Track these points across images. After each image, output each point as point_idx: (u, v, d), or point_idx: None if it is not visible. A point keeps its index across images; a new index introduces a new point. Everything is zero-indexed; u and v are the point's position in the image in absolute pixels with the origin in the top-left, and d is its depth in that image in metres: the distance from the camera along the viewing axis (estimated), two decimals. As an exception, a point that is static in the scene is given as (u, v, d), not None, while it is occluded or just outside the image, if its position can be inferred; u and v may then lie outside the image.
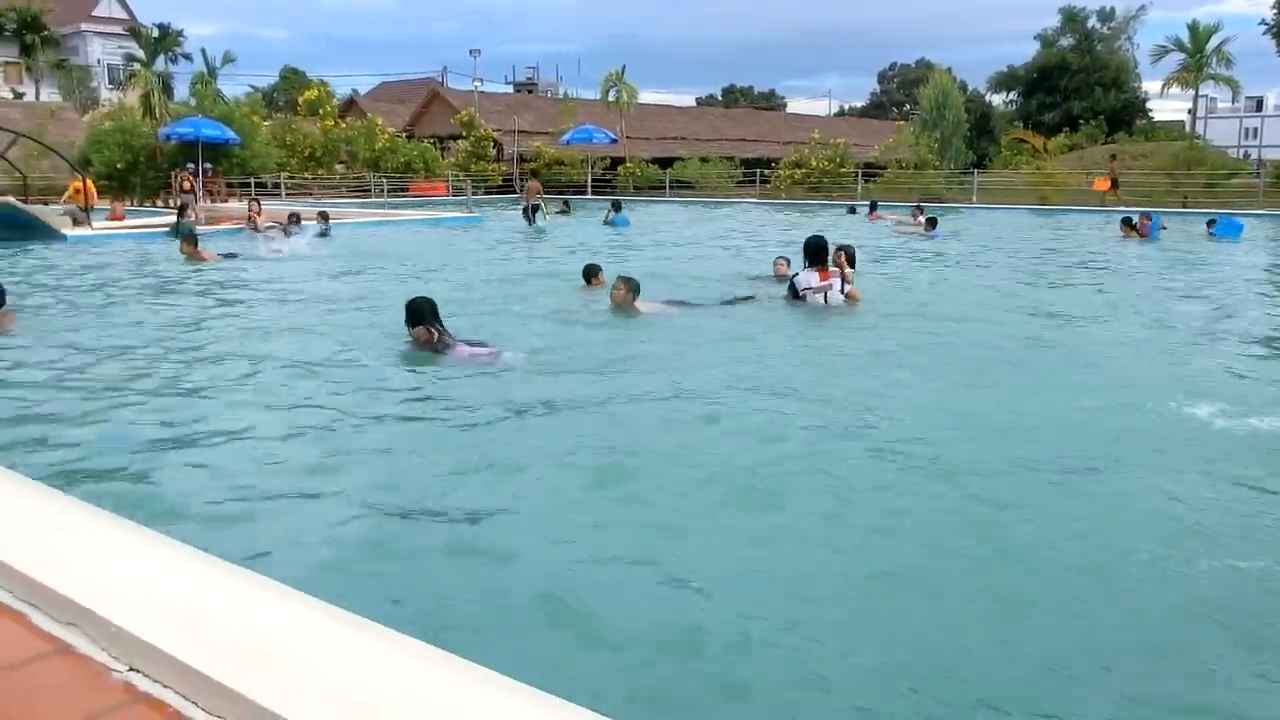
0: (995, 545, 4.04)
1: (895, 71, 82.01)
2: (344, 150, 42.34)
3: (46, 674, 2.22)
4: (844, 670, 3.05)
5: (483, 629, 3.24)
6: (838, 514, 4.32)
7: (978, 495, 4.61)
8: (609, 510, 4.39)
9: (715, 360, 7.67)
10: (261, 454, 5.21)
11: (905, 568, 3.80)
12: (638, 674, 3.00)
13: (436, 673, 2.10)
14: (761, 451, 5.22)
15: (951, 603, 3.53)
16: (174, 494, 4.51)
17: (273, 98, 63.60)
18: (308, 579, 3.00)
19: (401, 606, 3.35)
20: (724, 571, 3.73)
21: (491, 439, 5.56)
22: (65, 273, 13.54)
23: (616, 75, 46.72)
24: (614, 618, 3.33)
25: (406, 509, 4.39)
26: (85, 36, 68.70)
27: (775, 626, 3.29)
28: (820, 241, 10.18)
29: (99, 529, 2.94)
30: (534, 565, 3.78)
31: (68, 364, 7.34)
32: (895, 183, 38.44)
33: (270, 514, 4.34)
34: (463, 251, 17.66)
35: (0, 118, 31.94)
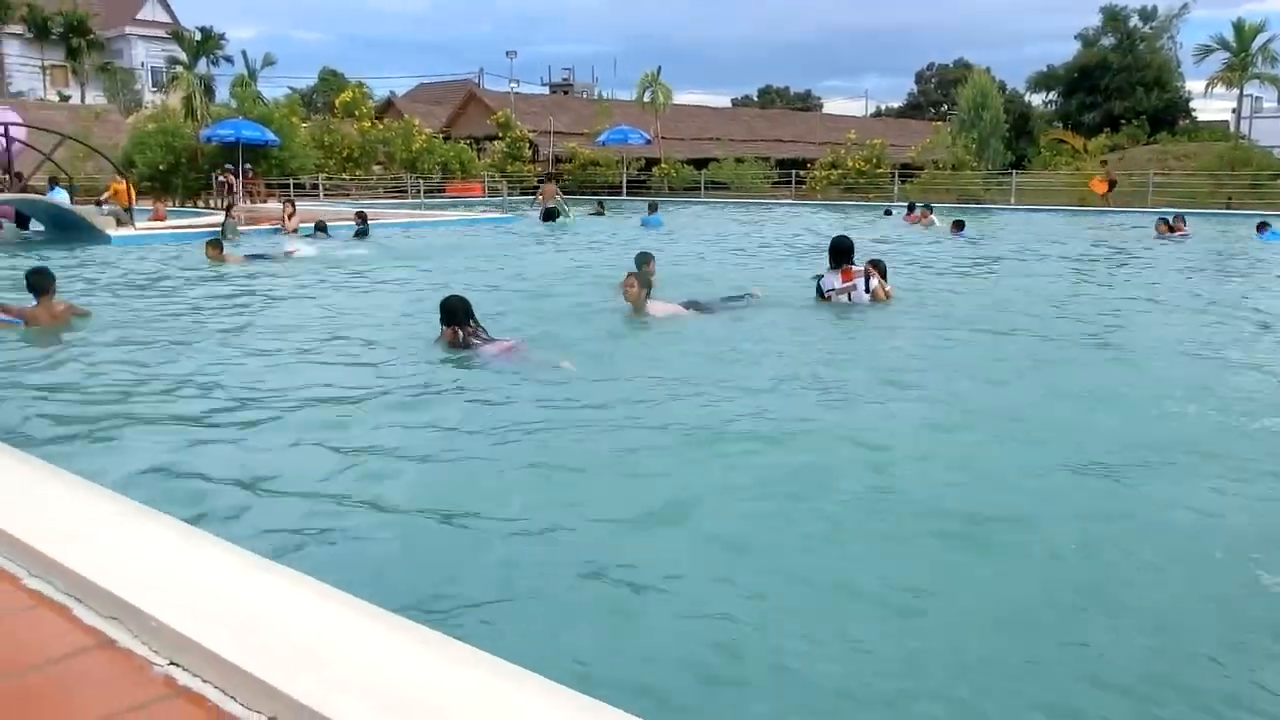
0: (1037, 547, 3.99)
1: (933, 71, 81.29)
2: (381, 151, 42.71)
3: (88, 667, 2.25)
4: (895, 677, 3.02)
5: (505, 623, 3.25)
6: (874, 515, 4.29)
7: (1011, 501, 4.55)
8: (632, 509, 4.38)
9: (736, 359, 7.72)
10: (290, 450, 5.27)
11: (948, 575, 3.76)
12: (671, 679, 2.99)
13: (474, 674, 2.11)
14: (788, 454, 5.19)
15: (1006, 610, 3.49)
16: (211, 490, 4.57)
17: (311, 99, 64.25)
18: (336, 572, 3.03)
19: (430, 601, 3.36)
20: (756, 573, 3.71)
21: (508, 436, 5.59)
22: (109, 271, 13.77)
23: (652, 76, 46.76)
24: (646, 615, 3.33)
25: (435, 507, 4.41)
26: (130, 40, 69.80)
27: (813, 629, 3.27)
28: (844, 242, 10.18)
29: (140, 524, 2.98)
30: (560, 562, 3.80)
31: (108, 361, 7.46)
32: (932, 184, 38.14)
33: (297, 508, 4.39)
34: (495, 252, 17.74)
35: (46, 120, 32.52)
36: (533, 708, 1.97)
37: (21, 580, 2.68)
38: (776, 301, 10.38)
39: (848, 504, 4.43)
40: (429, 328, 8.12)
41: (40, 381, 6.80)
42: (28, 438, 5.15)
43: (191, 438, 5.45)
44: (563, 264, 15.73)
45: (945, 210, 26.75)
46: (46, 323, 8.52)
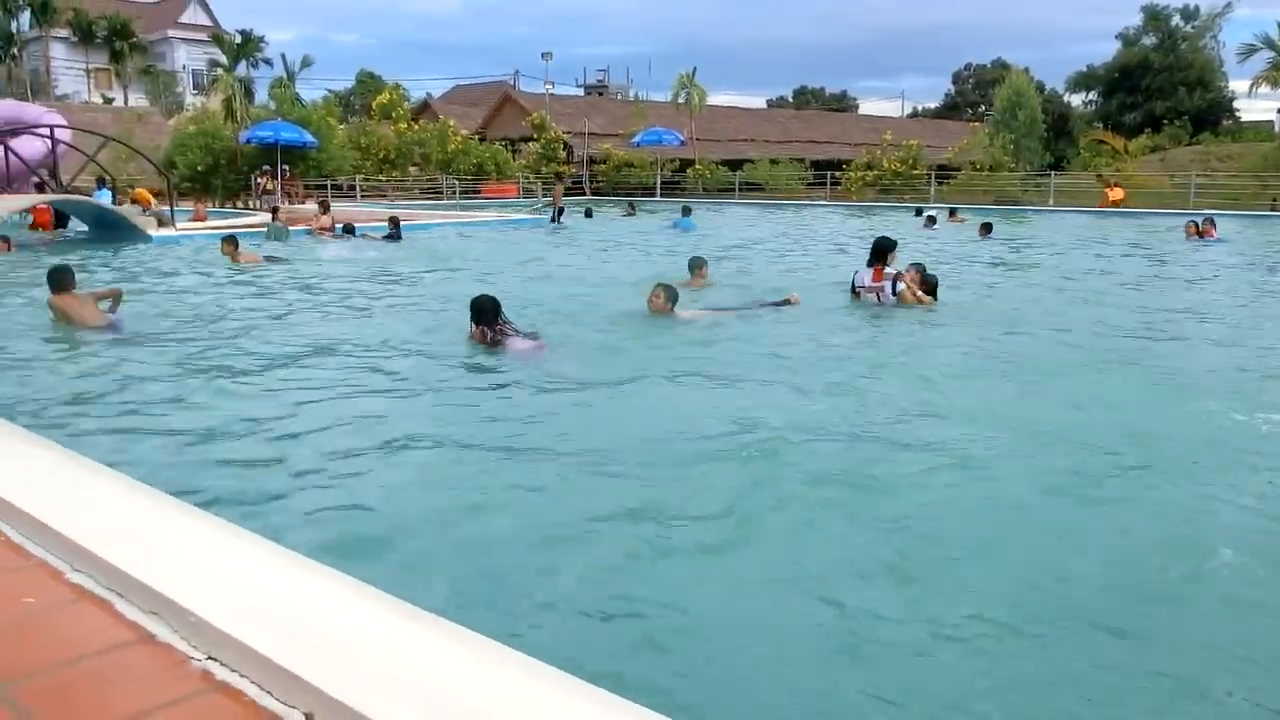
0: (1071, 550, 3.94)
1: (970, 72, 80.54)
2: (417, 152, 43.01)
3: (129, 660, 2.28)
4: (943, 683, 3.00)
5: (527, 617, 3.26)
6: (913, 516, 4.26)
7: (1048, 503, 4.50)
8: (652, 506, 4.38)
9: (756, 360, 7.71)
10: (324, 446, 5.33)
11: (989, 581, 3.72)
12: (695, 676, 2.99)
13: (508, 674, 2.12)
14: (816, 455, 5.16)
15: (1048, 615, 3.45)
16: (247, 486, 4.62)
17: (349, 101, 64.85)
18: (370, 568, 3.06)
19: (462, 598, 3.38)
20: (787, 573, 3.70)
21: (536, 432, 5.67)
22: (145, 268, 13.98)
23: (687, 77, 46.73)
24: (672, 612, 3.33)
25: (465, 504, 4.45)
26: (171, 43, 70.82)
27: (852, 635, 3.25)
28: (884, 243, 10.37)
29: (180, 521, 3.02)
30: (588, 560, 3.81)
31: (140, 356, 7.58)
32: (969, 185, 37.81)
33: (331, 504, 4.44)
34: (528, 252, 17.80)
35: (90, 122, 33.12)
36: (567, 709, 1.97)
37: (64, 575, 2.72)
38: (807, 303, 10.39)
39: (866, 506, 4.41)
40: (456, 328, 8.29)
41: (72, 376, 6.93)
42: (66, 433, 5.23)
43: (225, 433, 5.52)
44: (594, 265, 15.77)
45: (983, 212, 26.49)
46: (73, 317, 8.63)
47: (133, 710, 2.06)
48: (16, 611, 2.52)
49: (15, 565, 2.80)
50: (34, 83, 59.35)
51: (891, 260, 10.30)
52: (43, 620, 2.48)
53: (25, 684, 2.15)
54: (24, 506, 3.04)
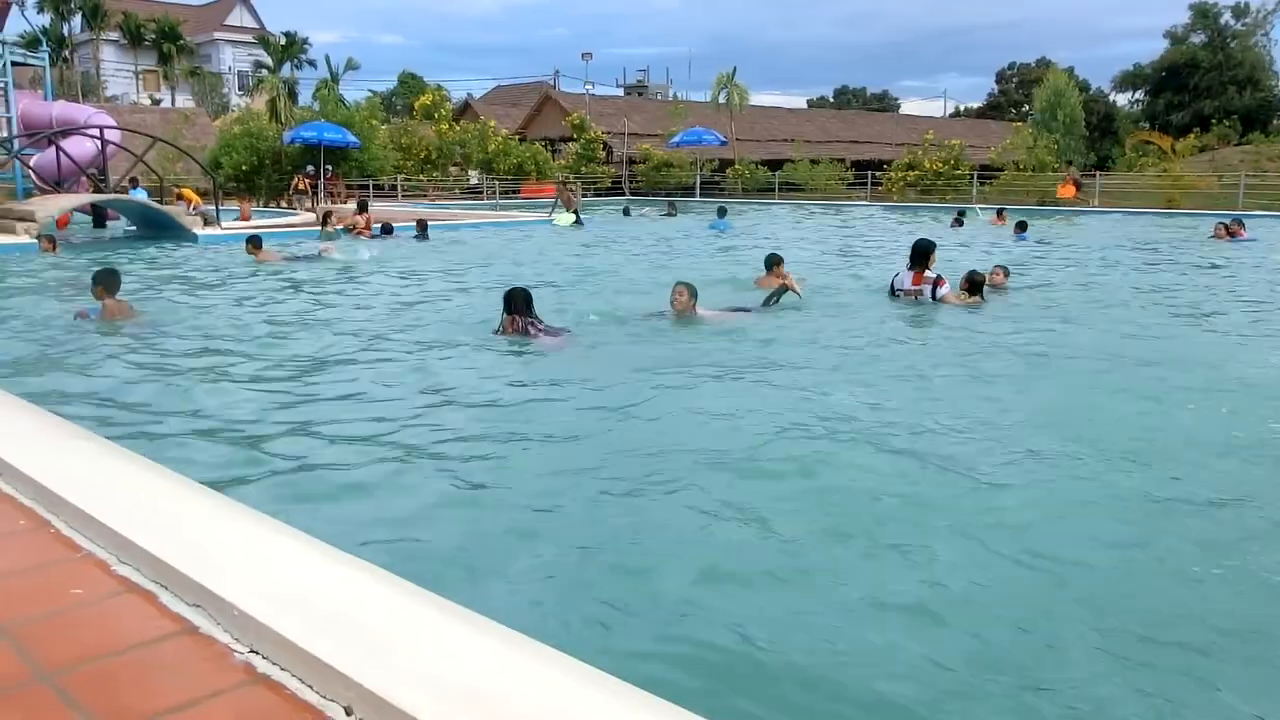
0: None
1: (1014, 71, 79.60)
2: (458, 153, 43.28)
3: (173, 652, 2.32)
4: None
5: (566, 615, 3.26)
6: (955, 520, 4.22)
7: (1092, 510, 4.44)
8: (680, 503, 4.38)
9: (781, 358, 7.73)
10: (361, 438, 5.40)
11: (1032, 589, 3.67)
12: (734, 680, 2.98)
13: (545, 671, 2.12)
14: (847, 456, 5.12)
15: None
16: (288, 479, 4.68)
17: (391, 102, 65.42)
18: (407, 562, 3.09)
19: (498, 594, 3.39)
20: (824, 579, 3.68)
21: (567, 422, 5.76)
22: (186, 265, 14.18)
23: (727, 77, 46.62)
24: (711, 613, 3.32)
25: (502, 498, 4.49)
26: (218, 45, 71.89)
27: (898, 643, 3.22)
28: (924, 245, 10.34)
29: (223, 515, 3.06)
30: (616, 551, 3.82)
31: (185, 355, 7.70)
32: (1012, 185, 37.35)
33: (368, 497, 4.51)
34: (564, 252, 17.86)
35: (139, 123, 33.71)
36: (601, 706, 1.97)
37: (110, 566, 2.77)
38: (840, 302, 10.40)
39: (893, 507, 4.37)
40: (480, 321, 8.58)
41: (116, 372, 7.05)
42: (111, 427, 5.31)
43: (262, 427, 5.60)
44: (628, 264, 15.78)
45: (1027, 213, 26.14)
46: (115, 317, 8.80)
47: (177, 701, 2.09)
48: (65, 602, 2.57)
49: (64, 557, 2.86)
50: (85, 84, 60.51)
51: (931, 263, 10.22)
52: (90, 611, 2.53)
53: (73, 673, 2.19)
54: (72, 499, 3.10)
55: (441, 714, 1.91)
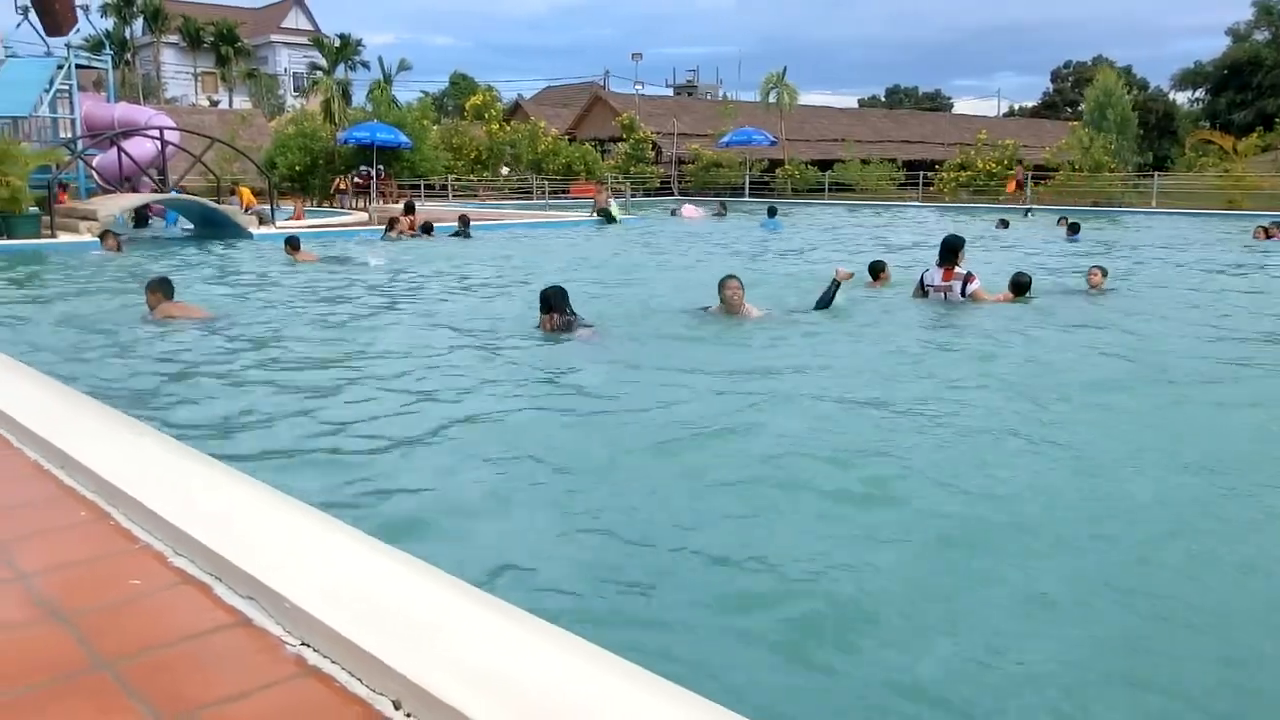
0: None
1: (1070, 69, 78.27)
2: (508, 153, 43.53)
3: (227, 643, 2.36)
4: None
5: (608, 611, 3.27)
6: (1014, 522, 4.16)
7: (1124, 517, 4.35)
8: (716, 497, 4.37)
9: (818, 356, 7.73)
10: (406, 433, 5.49)
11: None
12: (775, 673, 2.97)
13: (594, 670, 2.13)
14: (886, 452, 5.08)
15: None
16: (337, 474, 4.74)
17: (443, 102, 65.98)
18: (453, 556, 3.13)
19: (553, 594, 3.41)
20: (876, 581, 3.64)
21: (605, 417, 5.86)
22: (242, 263, 14.44)
23: (777, 77, 46.39)
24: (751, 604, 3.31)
25: (545, 494, 4.52)
26: (274, 47, 73.04)
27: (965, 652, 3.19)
28: (954, 241, 10.30)
29: (277, 509, 3.12)
30: (658, 546, 3.82)
31: (237, 351, 7.85)
32: (1067, 186, 36.74)
33: (414, 491, 4.57)
34: (613, 252, 17.90)
35: (197, 124, 34.35)
36: (644, 704, 1.98)
37: (167, 558, 2.84)
38: (880, 302, 10.37)
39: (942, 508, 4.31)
40: (518, 318, 8.80)
41: (172, 368, 7.20)
42: (170, 423, 5.42)
43: (313, 423, 5.69)
44: (671, 264, 15.78)
45: (1083, 214, 25.73)
46: (173, 316, 8.97)
47: (230, 692, 2.14)
48: (124, 593, 2.63)
49: (123, 548, 2.93)
50: (146, 86, 61.83)
51: (961, 259, 10.17)
52: (147, 602, 2.59)
53: (131, 662, 2.25)
54: (131, 492, 3.17)
55: (489, 708, 1.93)
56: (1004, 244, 19.18)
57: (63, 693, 2.13)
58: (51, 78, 23.95)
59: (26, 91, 23.35)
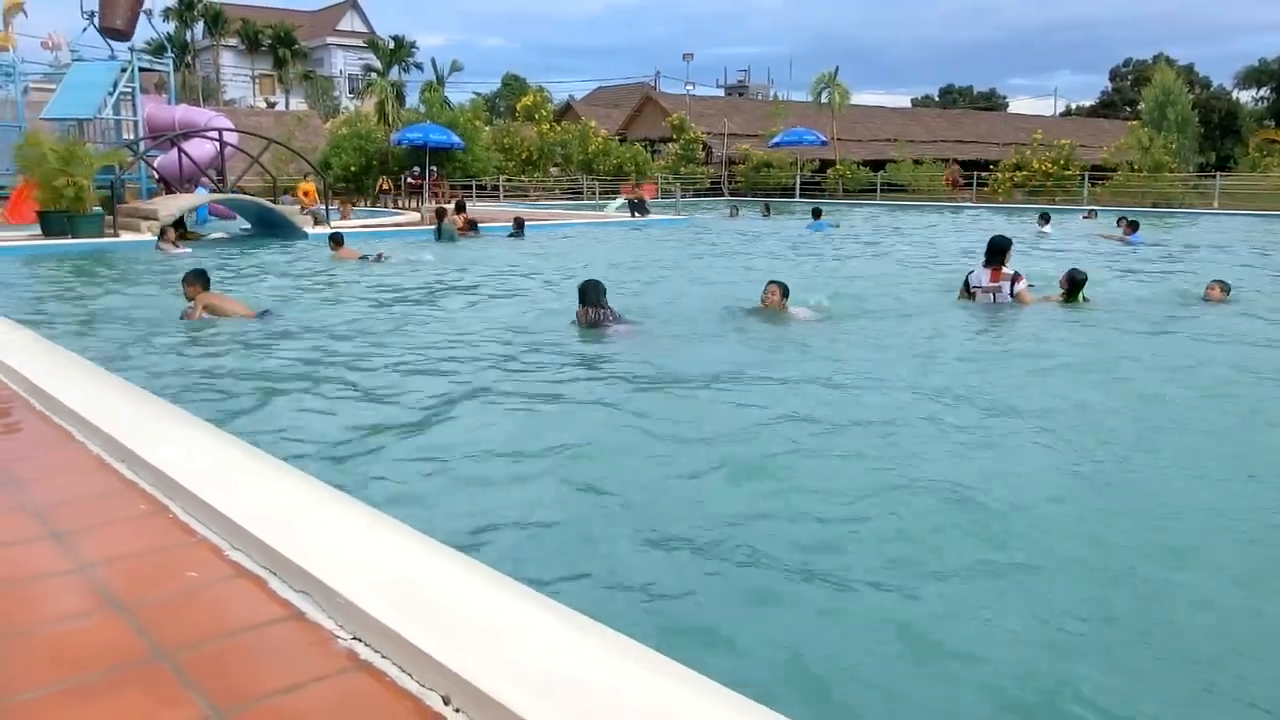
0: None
1: (1129, 68, 76.79)
2: (559, 153, 43.74)
3: (280, 636, 2.40)
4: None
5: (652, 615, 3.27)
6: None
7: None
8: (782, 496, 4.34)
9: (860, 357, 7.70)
10: (451, 426, 5.60)
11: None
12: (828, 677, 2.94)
13: (636, 669, 2.14)
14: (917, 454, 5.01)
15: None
16: (385, 470, 4.80)
17: (495, 103, 66.48)
18: (498, 552, 3.14)
19: (601, 592, 3.42)
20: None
21: (647, 412, 5.84)
22: (301, 266, 14.67)
23: (828, 76, 46.11)
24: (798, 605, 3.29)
25: (595, 492, 4.52)
26: (330, 49, 74.05)
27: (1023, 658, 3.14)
28: (1001, 242, 10.12)
29: (330, 504, 3.16)
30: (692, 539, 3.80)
31: (290, 347, 7.99)
32: (1125, 186, 36.04)
33: (459, 488, 4.62)
34: (659, 252, 17.89)
35: (255, 125, 34.93)
36: (694, 708, 1.97)
37: (224, 551, 2.89)
38: (921, 303, 10.27)
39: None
40: (561, 314, 8.94)
41: (225, 363, 7.35)
42: (223, 417, 5.52)
43: (358, 418, 5.76)
44: (723, 264, 15.74)
45: (1143, 215, 25.21)
46: (219, 313, 9.14)
47: (283, 684, 2.17)
48: (182, 585, 2.69)
49: (181, 541, 2.99)
50: (205, 88, 63.06)
51: (1007, 260, 10.03)
52: (204, 594, 2.64)
53: (188, 653, 2.29)
54: (190, 486, 3.23)
55: (537, 707, 1.94)
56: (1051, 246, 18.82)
57: (123, 681, 2.18)
58: (115, 80, 24.57)
59: (92, 94, 23.97)
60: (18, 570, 2.80)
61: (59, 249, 16.73)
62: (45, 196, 18.34)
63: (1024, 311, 9.60)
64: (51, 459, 3.87)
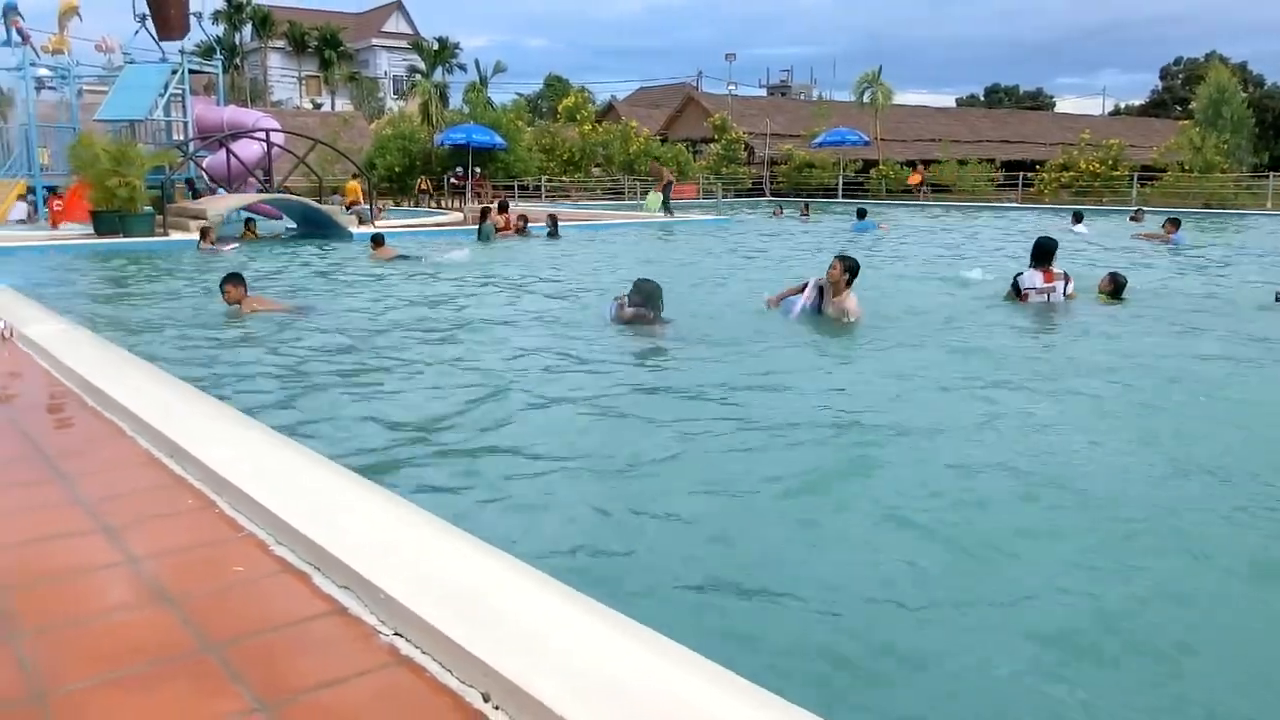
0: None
1: (1180, 66, 75.46)
2: (600, 153, 43.84)
3: (324, 630, 2.43)
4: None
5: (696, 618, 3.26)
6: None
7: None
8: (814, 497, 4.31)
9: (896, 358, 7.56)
10: (495, 431, 5.54)
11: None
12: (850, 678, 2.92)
13: (681, 671, 2.14)
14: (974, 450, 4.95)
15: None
16: (429, 467, 4.84)
17: (537, 104, 66.80)
18: (534, 546, 3.15)
19: (639, 590, 3.42)
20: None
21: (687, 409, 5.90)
22: (347, 267, 14.83)
23: (872, 76, 45.81)
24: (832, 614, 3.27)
25: (637, 491, 4.52)
26: (375, 51, 74.85)
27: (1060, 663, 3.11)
28: (1049, 244, 9.97)
29: (374, 502, 3.19)
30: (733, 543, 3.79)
31: (330, 345, 8.07)
32: (1176, 187, 35.39)
33: (504, 484, 4.61)
34: (701, 252, 17.87)
35: (301, 126, 35.39)
36: (731, 710, 1.97)
37: (269, 547, 2.93)
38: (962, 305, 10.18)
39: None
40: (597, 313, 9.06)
41: (267, 363, 7.44)
42: (266, 413, 5.59)
43: (399, 416, 5.79)
44: (754, 263, 15.69)
45: (1191, 215, 24.79)
46: (258, 310, 9.33)
47: (326, 678, 2.20)
48: (228, 579, 2.73)
49: (228, 536, 3.04)
50: (253, 90, 63.99)
51: (1054, 261, 9.91)
52: (250, 588, 2.68)
53: (235, 646, 2.33)
54: (236, 482, 3.29)
55: (576, 706, 1.94)
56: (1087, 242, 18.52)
57: (170, 673, 2.22)
58: (166, 82, 25.01)
59: (143, 96, 24.43)
60: (71, 563, 2.87)
61: (110, 247, 17.10)
62: (98, 196, 18.73)
63: (1096, 314, 9.46)
64: (103, 454, 3.95)
